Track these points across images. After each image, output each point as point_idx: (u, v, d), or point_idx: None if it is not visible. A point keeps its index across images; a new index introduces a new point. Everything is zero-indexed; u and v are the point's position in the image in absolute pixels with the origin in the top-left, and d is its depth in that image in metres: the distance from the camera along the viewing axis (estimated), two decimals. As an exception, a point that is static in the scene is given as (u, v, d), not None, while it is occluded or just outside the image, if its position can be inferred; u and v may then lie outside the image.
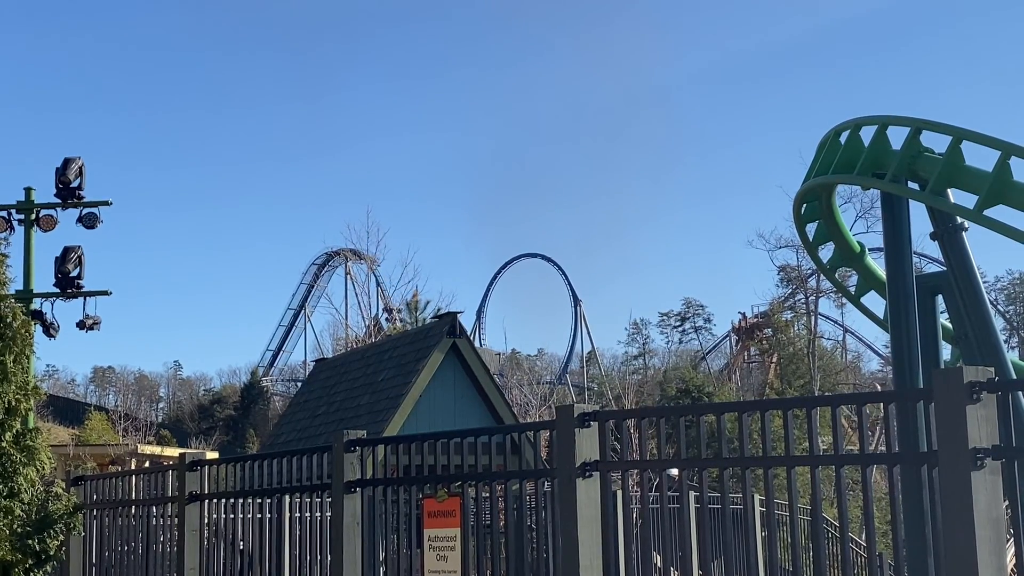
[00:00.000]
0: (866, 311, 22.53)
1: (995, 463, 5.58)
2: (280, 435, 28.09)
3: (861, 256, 21.31)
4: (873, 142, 17.85)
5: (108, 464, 39.43)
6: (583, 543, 7.17)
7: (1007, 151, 15.52)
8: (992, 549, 5.50)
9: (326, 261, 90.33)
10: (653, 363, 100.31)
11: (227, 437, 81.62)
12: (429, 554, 8.27)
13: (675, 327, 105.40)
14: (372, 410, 23.04)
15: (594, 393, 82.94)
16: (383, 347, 26.83)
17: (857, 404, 6.20)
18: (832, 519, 19.70)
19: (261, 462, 10.28)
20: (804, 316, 68.29)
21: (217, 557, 10.65)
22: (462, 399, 23.22)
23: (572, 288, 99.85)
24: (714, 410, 7.12)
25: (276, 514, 10.06)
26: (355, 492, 8.88)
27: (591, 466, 7.27)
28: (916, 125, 17.10)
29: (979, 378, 5.58)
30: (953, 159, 16.26)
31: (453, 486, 8.21)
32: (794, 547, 6.46)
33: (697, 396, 56.32)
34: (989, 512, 5.52)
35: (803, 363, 62.73)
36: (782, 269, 67.19)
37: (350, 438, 8.97)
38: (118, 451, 42.29)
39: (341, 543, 8.83)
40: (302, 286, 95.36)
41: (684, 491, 7.60)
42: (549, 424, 7.76)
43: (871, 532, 6.17)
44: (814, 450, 6.27)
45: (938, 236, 17.38)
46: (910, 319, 17.24)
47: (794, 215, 21.28)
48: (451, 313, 24.81)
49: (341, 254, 76.88)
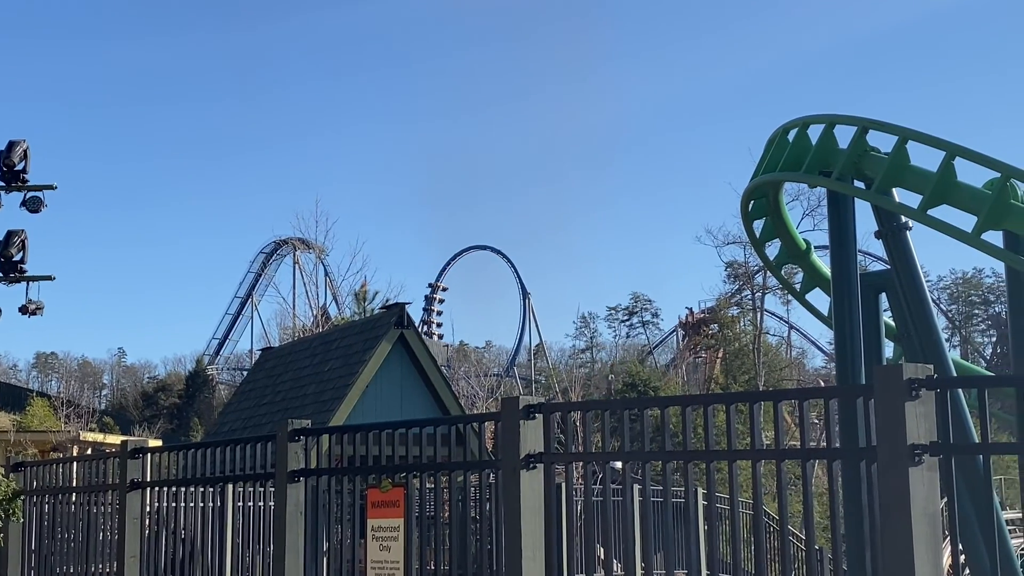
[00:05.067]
0: (811, 308, 22.76)
1: (933, 459, 5.67)
2: (225, 424, 27.89)
3: (807, 253, 21.51)
4: (820, 140, 18.02)
5: (49, 451, 38.96)
6: (526, 534, 7.18)
7: (951, 152, 15.73)
8: (929, 544, 5.58)
9: (274, 250, 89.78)
10: (600, 357, 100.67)
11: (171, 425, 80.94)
12: (372, 544, 8.26)
13: (623, 321, 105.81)
14: (318, 400, 22.94)
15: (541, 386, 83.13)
16: (330, 337, 26.71)
17: (798, 400, 6.27)
18: (774, 513, 19.91)
19: (204, 450, 10.20)
20: (750, 312, 68.80)
21: (159, 545, 10.56)
22: (409, 390, 23.18)
23: (521, 281, 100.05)
24: (658, 404, 7.16)
25: (219, 503, 9.99)
26: (299, 481, 8.84)
27: (535, 458, 7.28)
28: (863, 124, 17.28)
29: (918, 375, 5.65)
30: (899, 159, 16.45)
31: (397, 476, 8.20)
32: (734, 540, 6.51)
33: (643, 390, 56.60)
34: (926, 507, 5.60)
35: (748, 359, 63.22)
36: (729, 265, 67.64)
37: (294, 427, 8.92)
38: (60, 438, 41.78)
39: (284, 532, 8.79)
40: (249, 274, 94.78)
41: (627, 484, 7.63)
42: (494, 416, 7.77)
43: (810, 526, 6.24)
44: (756, 444, 6.33)
45: (883, 235, 17.58)
46: (854, 316, 17.43)
47: (742, 211, 21.43)
48: (399, 304, 24.74)
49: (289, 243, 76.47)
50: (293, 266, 78.14)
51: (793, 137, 18.80)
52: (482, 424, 8.41)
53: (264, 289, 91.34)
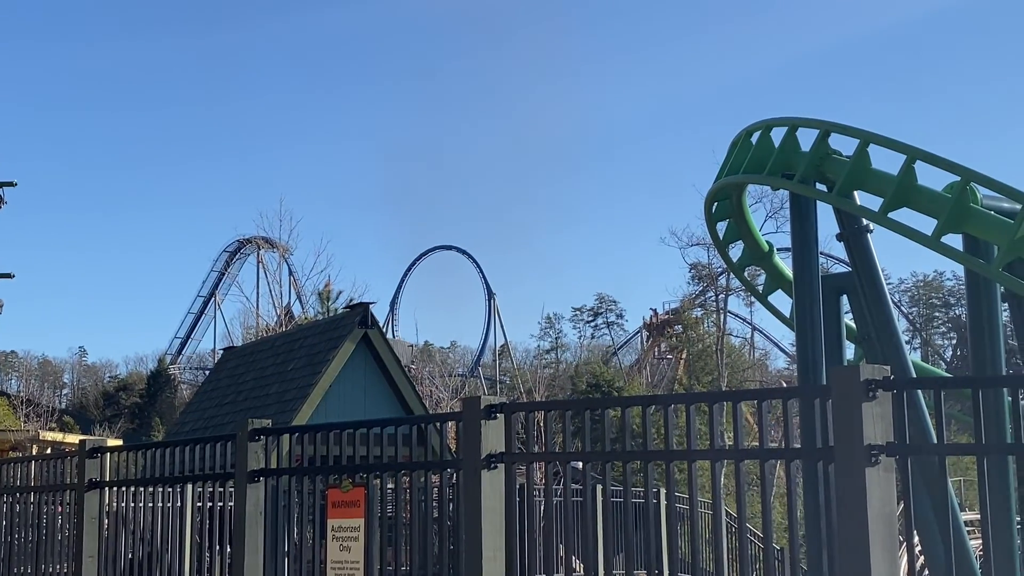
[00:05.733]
0: (773, 310, 22.89)
1: (889, 460, 5.71)
2: (186, 423, 27.72)
3: (769, 255, 21.63)
4: (783, 143, 18.12)
5: (8, 450, 38.58)
6: (487, 534, 7.18)
7: (912, 155, 15.86)
8: (884, 544, 5.62)
9: (238, 249, 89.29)
10: (565, 357, 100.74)
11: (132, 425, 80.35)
12: (332, 544, 8.23)
13: (587, 322, 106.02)
14: (281, 400, 22.85)
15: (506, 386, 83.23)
16: (293, 336, 26.61)
17: (758, 400, 6.31)
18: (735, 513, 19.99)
19: (163, 450, 10.13)
20: (714, 314, 69.11)
21: (117, 546, 10.48)
22: (372, 390, 23.14)
23: (486, 281, 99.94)
24: (619, 404, 7.17)
25: (179, 503, 9.93)
26: (258, 481, 8.80)
27: (496, 458, 7.28)
28: (825, 127, 17.39)
29: (875, 376, 5.69)
30: (860, 162, 16.56)
31: (358, 476, 8.18)
32: (693, 539, 6.54)
33: (607, 391, 56.74)
34: (882, 508, 5.65)
35: (712, 360, 63.55)
36: (693, 267, 67.92)
37: (254, 427, 8.88)
38: (19, 437, 41.39)
39: (243, 533, 8.74)
40: (213, 273, 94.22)
41: (587, 483, 7.64)
42: (456, 416, 7.76)
43: (768, 526, 6.27)
44: (714, 444, 6.36)
45: (844, 237, 17.69)
46: (815, 318, 17.55)
47: (705, 213, 21.53)
48: (363, 303, 24.70)
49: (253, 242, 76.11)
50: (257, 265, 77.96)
51: (756, 140, 18.90)
52: (443, 424, 8.39)
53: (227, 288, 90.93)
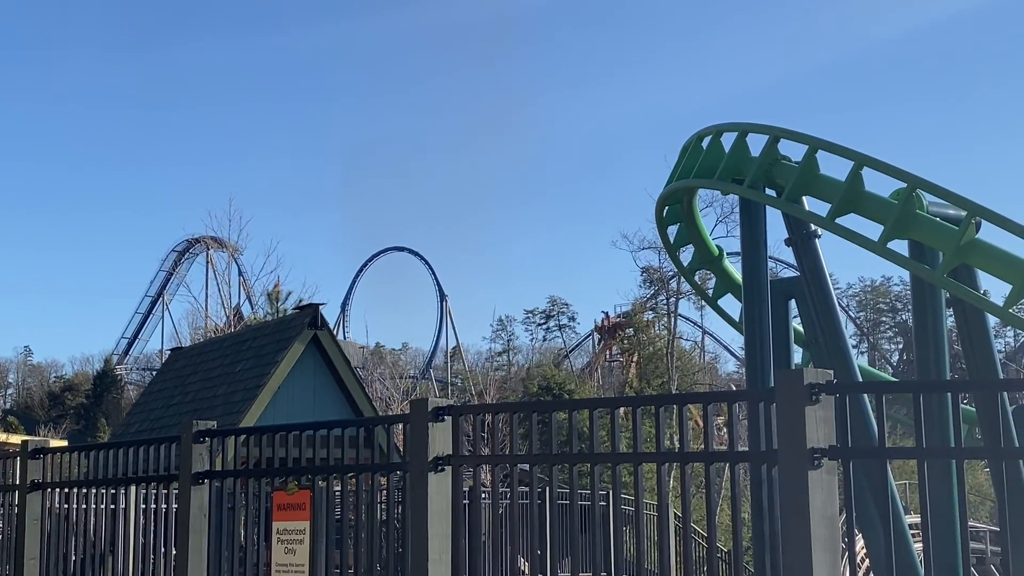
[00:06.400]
0: (723, 313, 23.03)
1: (832, 463, 5.76)
2: (132, 425, 27.45)
3: (719, 259, 21.76)
4: (733, 148, 18.26)
5: (-50, 451, 38.00)
6: (433, 536, 7.17)
7: (860, 162, 16.04)
8: (826, 546, 5.67)
9: (186, 248, 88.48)
10: (517, 360, 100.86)
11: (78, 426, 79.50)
12: (277, 547, 8.18)
13: (539, 325, 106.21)
14: (228, 401, 22.68)
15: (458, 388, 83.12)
16: (242, 337, 26.43)
17: (703, 403, 6.35)
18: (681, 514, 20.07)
19: (108, 451, 10.02)
20: (665, 317, 69.42)
21: (60, 548, 10.36)
22: (322, 392, 23.04)
23: (439, 283, 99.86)
24: (567, 407, 7.19)
25: (123, 504, 9.83)
26: (203, 484, 8.73)
27: (444, 460, 7.27)
28: (774, 133, 17.54)
29: (818, 380, 5.75)
30: (808, 168, 16.73)
31: (304, 479, 8.13)
32: (639, 541, 6.57)
33: (559, 393, 56.80)
34: (824, 510, 5.70)
35: (662, 363, 63.78)
36: (645, 270, 68.13)
37: (200, 428, 8.81)
38: (-39, 438, 40.78)
39: (188, 535, 8.66)
40: (161, 273, 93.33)
41: (535, 486, 7.65)
42: (404, 418, 7.74)
43: (712, 528, 6.31)
44: (660, 447, 6.38)
45: (792, 242, 17.84)
46: (764, 322, 17.68)
47: (656, 217, 21.63)
48: (313, 304, 24.58)
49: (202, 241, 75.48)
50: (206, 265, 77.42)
51: (707, 144, 19.02)
52: (390, 426, 8.37)
53: (176, 288, 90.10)
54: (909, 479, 45.96)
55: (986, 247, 15.14)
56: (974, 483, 46.77)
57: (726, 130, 18.74)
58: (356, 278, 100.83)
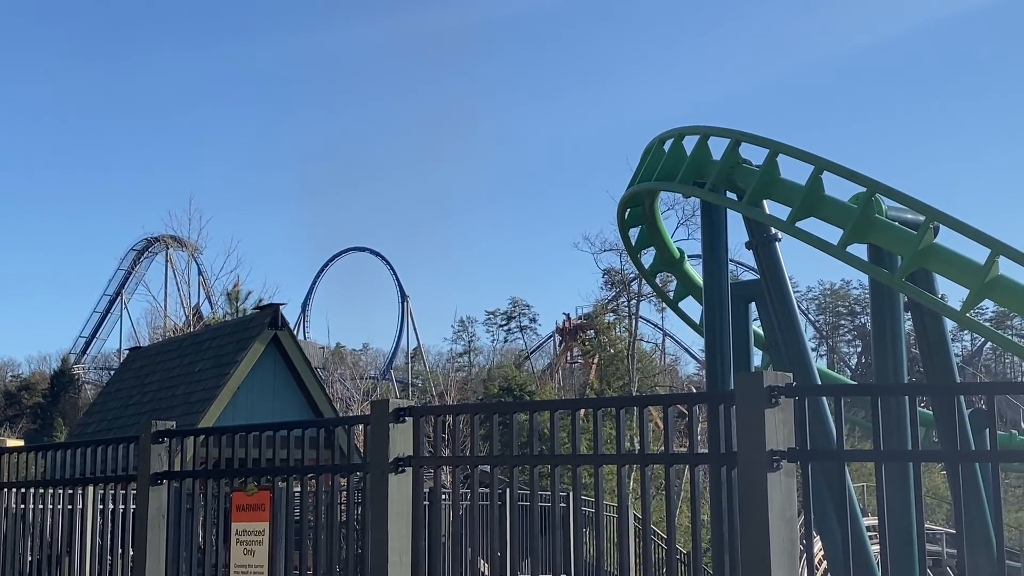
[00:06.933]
0: (683, 316, 23.15)
1: (790, 465, 5.81)
2: (89, 425, 27.21)
3: (680, 262, 21.86)
4: (695, 152, 18.34)
5: (-97, 451, 37.49)
6: (393, 537, 7.16)
7: (820, 166, 16.16)
8: (784, 547, 5.72)
9: (145, 247, 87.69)
10: (478, 361, 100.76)
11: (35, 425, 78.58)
12: (236, 548, 8.13)
13: (501, 326, 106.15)
14: (187, 401, 22.53)
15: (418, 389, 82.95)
16: (201, 337, 26.26)
17: (664, 405, 6.37)
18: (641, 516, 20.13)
19: (65, 451, 9.94)
20: (626, 319, 69.61)
21: (16, 548, 10.24)
22: (282, 392, 22.93)
23: (400, 284, 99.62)
24: (528, 408, 7.19)
25: (80, 505, 9.74)
26: (161, 484, 8.66)
27: (404, 461, 7.26)
28: (736, 137, 17.64)
29: (778, 383, 5.78)
30: (769, 171, 16.83)
31: (264, 480, 8.09)
32: (599, 543, 6.58)
33: (520, 395, 56.83)
34: (783, 512, 5.74)
35: (623, 365, 63.95)
36: (606, 272, 68.27)
37: (158, 428, 8.74)
38: (-85, 438, 40.27)
39: (145, 536, 8.60)
40: (119, 272, 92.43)
41: (495, 487, 7.65)
42: (364, 419, 7.71)
43: (672, 529, 6.34)
44: (621, 449, 6.41)
45: (753, 245, 17.95)
46: (724, 325, 17.78)
47: (618, 219, 21.70)
48: (273, 304, 24.47)
49: (161, 240, 74.93)
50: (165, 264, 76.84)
51: (668, 147, 19.10)
52: (350, 427, 8.34)
53: (134, 287, 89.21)
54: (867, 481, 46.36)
55: (944, 252, 15.29)
56: (931, 486, 47.26)
57: (688, 133, 18.82)
58: (317, 278, 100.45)
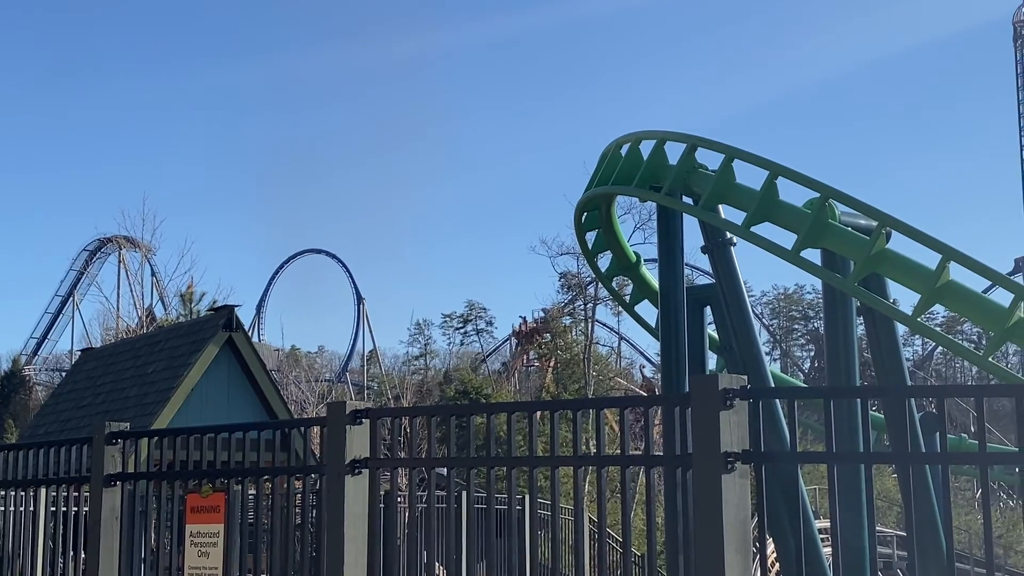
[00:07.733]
0: (639, 319, 23.25)
1: (744, 467, 5.86)
2: (40, 426, 26.92)
3: (637, 266, 21.97)
4: (651, 156, 18.45)
5: None
6: (349, 539, 7.15)
7: (775, 171, 16.31)
8: (739, 548, 5.77)
9: (98, 247, 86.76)
10: (434, 364, 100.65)
11: (-16, 427, 77.53)
12: (191, 550, 8.09)
13: (457, 329, 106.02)
14: (141, 403, 22.36)
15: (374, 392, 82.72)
16: (154, 338, 26.06)
17: (620, 407, 6.42)
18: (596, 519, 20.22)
19: (17, 452, 9.83)
20: (582, 322, 69.82)
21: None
22: (236, 394, 22.81)
23: (356, 286, 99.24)
24: (485, 411, 7.20)
25: (31, 507, 9.65)
26: (115, 486, 8.60)
27: (361, 463, 7.25)
28: (692, 142, 17.76)
29: (732, 385, 5.84)
30: (725, 176, 16.96)
31: (219, 482, 8.06)
32: (554, 545, 6.61)
33: (476, 397, 56.82)
34: (737, 513, 5.79)
35: (579, 368, 64.10)
36: (563, 276, 68.47)
37: (112, 430, 8.68)
38: None
39: (99, 538, 8.53)
40: (71, 272, 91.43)
41: (452, 490, 7.66)
42: (321, 420, 7.69)
43: (627, 532, 6.38)
44: (577, 451, 6.44)
45: (708, 250, 18.08)
46: (679, 328, 17.89)
47: (575, 223, 21.77)
48: (228, 306, 24.34)
49: (114, 241, 74.16)
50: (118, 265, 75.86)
51: (626, 152, 19.20)
52: (306, 429, 8.32)
53: (87, 288, 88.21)
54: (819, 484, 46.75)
55: (896, 257, 15.48)
56: (882, 488, 47.69)
57: (645, 138, 18.93)
58: (272, 280, 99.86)
